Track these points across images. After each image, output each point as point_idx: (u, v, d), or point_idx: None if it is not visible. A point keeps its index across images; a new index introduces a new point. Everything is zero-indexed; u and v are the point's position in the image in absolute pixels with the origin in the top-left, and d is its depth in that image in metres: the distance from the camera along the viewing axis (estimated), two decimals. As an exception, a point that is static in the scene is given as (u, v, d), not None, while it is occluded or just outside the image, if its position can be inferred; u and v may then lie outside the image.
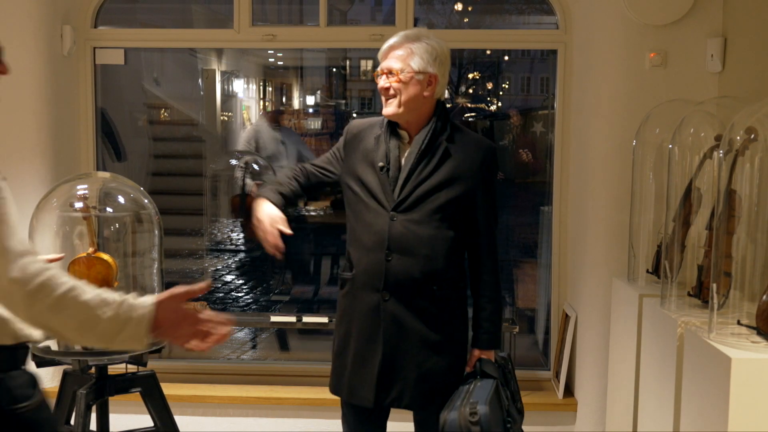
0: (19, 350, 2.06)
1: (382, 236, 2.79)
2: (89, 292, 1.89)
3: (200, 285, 2.00)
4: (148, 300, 1.92)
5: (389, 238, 2.78)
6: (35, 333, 2.05)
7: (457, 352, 2.89)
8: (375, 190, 2.81)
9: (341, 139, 2.98)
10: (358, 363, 2.85)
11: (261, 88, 10.23)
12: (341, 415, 3.05)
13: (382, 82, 2.81)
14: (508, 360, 3.02)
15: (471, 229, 2.87)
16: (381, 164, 2.81)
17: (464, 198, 2.82)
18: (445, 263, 2.82)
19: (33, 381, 2.07)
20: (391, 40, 2.82)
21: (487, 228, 2.88)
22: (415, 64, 2.76)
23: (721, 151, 2.58)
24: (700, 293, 2.92)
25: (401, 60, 2.78)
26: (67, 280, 1.87)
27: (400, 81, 2.77)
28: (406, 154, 2.83)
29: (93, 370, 3.19)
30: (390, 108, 2.80)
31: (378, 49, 2.88)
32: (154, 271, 3.63)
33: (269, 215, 2.82)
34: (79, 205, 3.24)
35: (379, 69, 2.85)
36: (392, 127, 2.86)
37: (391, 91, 2.79)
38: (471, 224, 2.86)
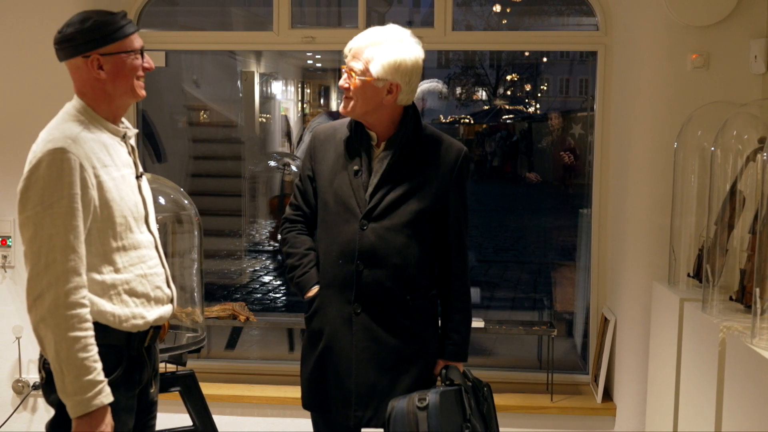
0: None
1: (351, 246, 2.64)
2: None
3: None
4: None
5: (359, 249, 2.63)
6: None
7: (426, 365, 2.74)
8: (346, 195, 2.66)
9: (306, 151, 2.80)
10: (335, 379, 2.71)
11: (299, 89, 10.29)
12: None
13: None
14: (483, 385, 2.75)
15: (442, 236, 2.73)
16: (356, 168, 2.66)
17: (436, 204, 2.68)
18: (417, 271, 2.68)
19: None
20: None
21: (458, 235, 2.74)
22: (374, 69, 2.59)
23: (765, 154, 2.55)
24: (743, 298, 2.89)
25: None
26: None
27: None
28: (378, 158, 2.68)
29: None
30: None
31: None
32: (194, 271, 3.68)
33: None
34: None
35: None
36: (360, 127, 2.70)
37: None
38: (442, 232, 2.72)
